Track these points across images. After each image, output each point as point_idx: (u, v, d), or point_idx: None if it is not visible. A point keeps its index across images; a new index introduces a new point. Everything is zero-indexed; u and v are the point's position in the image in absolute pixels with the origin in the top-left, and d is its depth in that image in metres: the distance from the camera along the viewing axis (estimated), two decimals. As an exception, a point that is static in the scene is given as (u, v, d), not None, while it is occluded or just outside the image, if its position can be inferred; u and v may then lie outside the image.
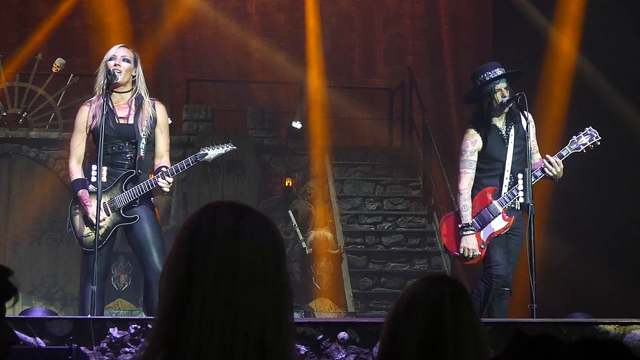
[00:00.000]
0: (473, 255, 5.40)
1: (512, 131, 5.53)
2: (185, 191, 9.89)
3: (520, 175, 5.37)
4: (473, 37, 12.02)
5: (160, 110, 5.27)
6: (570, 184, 6.40)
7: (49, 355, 3.99)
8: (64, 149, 9.90)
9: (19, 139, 9.76)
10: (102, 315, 5.06)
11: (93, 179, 5.09)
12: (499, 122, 5.56)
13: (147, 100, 5.19)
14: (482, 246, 5.44)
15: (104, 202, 5.03)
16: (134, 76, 5.23)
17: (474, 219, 5.43)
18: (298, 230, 9.36)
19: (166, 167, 5.15)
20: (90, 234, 5.04)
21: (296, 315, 8.72)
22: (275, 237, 1.49)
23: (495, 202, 5.44)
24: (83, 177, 5.18)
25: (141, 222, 5.11)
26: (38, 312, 5.26)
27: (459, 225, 5.45)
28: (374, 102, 11.55)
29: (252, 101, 11.34)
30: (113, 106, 5.16)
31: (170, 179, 5.09)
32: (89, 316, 4.66)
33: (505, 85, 5.50)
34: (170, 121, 9.98)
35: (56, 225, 9.77)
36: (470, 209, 5.43)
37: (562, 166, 5.44)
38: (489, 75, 5.50)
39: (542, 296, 5.22)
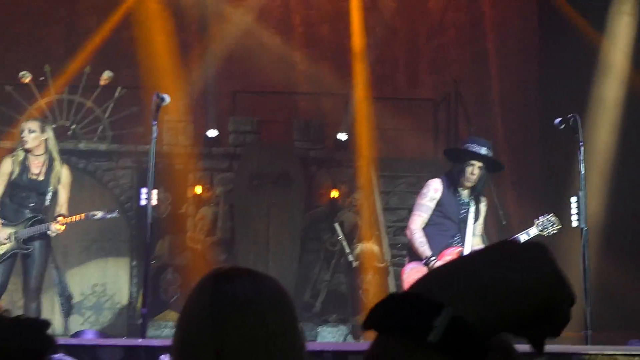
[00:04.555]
0: None
1: (472, 207, 5.69)
2: (232, 203, 9.93)
3: (574, 199, 5.36)
4: (519, 46, 11.91)
5: (65, 172, 6.79)
6: (623, 205, 6.31)
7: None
8: (112, 160, 10.06)
9: (68, 151, 9.88)
10: None
11: (143, 202, 6.20)
12: (464, 192, 5.81)
13: (58, 163, 6.70)
14: None
15: (9, 232, 6.58)
16: (45, 139, 6.66)
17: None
18: (344, 243, 9.37)
19: (63, 216, 6.62)
20: None
21: (343, 327, 8.74)
22: (289, 299, 1.49)
23: None
24: None
25: (34, 251, 6.62)
26: (89, 334, 5.36)
27: (423, 262, 5.58)
28: (418, 113, 11.50)
29: (297, 113, 11.36)
30: (29, 164, 6.63)
31: (62, 228, 6.58)
32: (139, 340, 4.75)
33: (480, 165, 5.62)
34: (217, 132, 10.16)
35: (105, 235, 9.92)
36: (427, 244, 5.65)
37: None
38: (474, 148, 5.64)
39: (597, 319, 5.17)
